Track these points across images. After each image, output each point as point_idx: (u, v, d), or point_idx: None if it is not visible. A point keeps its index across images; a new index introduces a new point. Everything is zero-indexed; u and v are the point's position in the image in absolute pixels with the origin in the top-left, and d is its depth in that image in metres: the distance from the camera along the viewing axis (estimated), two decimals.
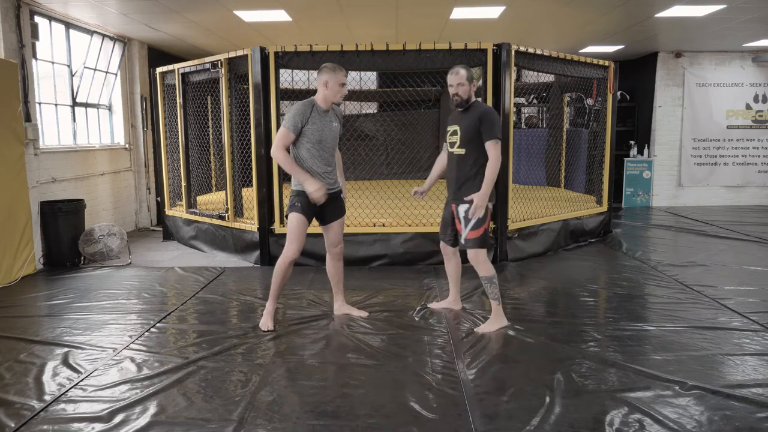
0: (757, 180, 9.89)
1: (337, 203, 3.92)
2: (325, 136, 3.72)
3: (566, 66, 6.34)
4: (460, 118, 3.76)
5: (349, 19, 6.89)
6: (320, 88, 3.71)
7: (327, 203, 3.81)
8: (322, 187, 3.62)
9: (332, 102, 3.74)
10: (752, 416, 2.62)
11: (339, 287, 4.12)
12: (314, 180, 3.63)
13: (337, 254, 4.02)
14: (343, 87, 3.70)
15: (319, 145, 3.71)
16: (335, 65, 3.72)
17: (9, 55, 5.39)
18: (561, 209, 6.54)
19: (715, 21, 7.09)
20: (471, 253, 3.71)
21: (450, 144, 3.81)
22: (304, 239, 3.78)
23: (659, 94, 9.69)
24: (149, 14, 6.47)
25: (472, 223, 3.66)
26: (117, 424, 2.61)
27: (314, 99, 3.73)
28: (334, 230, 3.94)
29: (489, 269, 3.72)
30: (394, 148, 9.44)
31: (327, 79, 3.67)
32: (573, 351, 3.42)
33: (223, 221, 6.10)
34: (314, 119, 3.68)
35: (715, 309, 4.19)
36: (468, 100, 3.71)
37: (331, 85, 3.67)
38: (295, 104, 3.73)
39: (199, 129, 6.79)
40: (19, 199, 5.39)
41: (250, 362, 3.31)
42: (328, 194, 3.78)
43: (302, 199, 3.71)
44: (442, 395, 2.86)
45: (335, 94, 3.70)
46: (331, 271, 4.08)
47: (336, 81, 3.67)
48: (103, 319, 4.12)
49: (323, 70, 3.70)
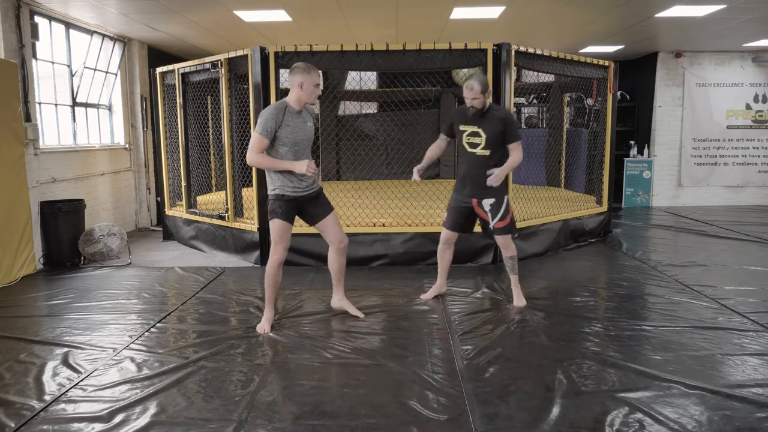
0: (757, 180, 9.89)
1: (320, 201, 3.88)
2: (300, 137, 3.68)
3: (566, 66, 6.34)
4: (479, 120, 4.05)
5: (349, 19, 6.89)
6: (294, 89, 3.65)
7: (308, 203, 3.81)
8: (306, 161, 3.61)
9: (306, 103, 3.72)
10: (752, 416, 2.62)
11: (339, 281, 4.08)
12: (297, 162, 3.61)
13: (341, 250, 3.97)
14: (317, 88, 3.68)
15: (295, 147, 3.67)
16: (309, 65, 3.68)
17: (9, 55, 5.39)
18: (561, 209, 6.54)
19: (715, 21, 7.09)
20: (501, 239, 4.23)
21: (471, 145, 4.10)
22: (289, 240, 3.80)
23: (659, 94, 9.70)
24: (149, 14, 6.47)
25: (501, 214, 4.14)
26: (117, 424, 2.61)
27: (286, 100, 3.69)
28: (330, 227, 3.90)
29: (514, 249, 4.32)
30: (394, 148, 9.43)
31: (302, 80, 3.61)
32: (573, 351, 3.42)
33: (223, 221, 6.10)
34: (288, 121, 3.63)
35: (715, 309, 4.19)
36: (483, 107, 4.03)
37: (306, 86, 3.63)
38: (266, 108, 3.69)
39: (199, 129, 6.80)
40: (19, 199, 5.39)
41: (250, 362, 3.31)
42: (308, 194, 3.78)
43: (282, 203, 3.71)
44: (442, 395, 2.86)
45: (310, 95, 3.66)
46: (332, 264, 4.03)
47: (311, 82, 3.63)
48: (103, 319, 4.12)
49: (296, 70, 3.64)
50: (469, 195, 4.17)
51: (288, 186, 3.70)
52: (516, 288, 4.35)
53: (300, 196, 3.74)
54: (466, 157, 4.14)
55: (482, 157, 4.06)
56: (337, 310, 4.13)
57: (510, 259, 4.30)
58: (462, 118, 4.13)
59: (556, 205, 6.63)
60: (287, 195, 3.71)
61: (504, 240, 4.24)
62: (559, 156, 8.24)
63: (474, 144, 4.07)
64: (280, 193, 3.71)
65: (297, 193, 3.72)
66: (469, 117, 4.07)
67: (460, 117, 4.15)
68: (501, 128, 4.00)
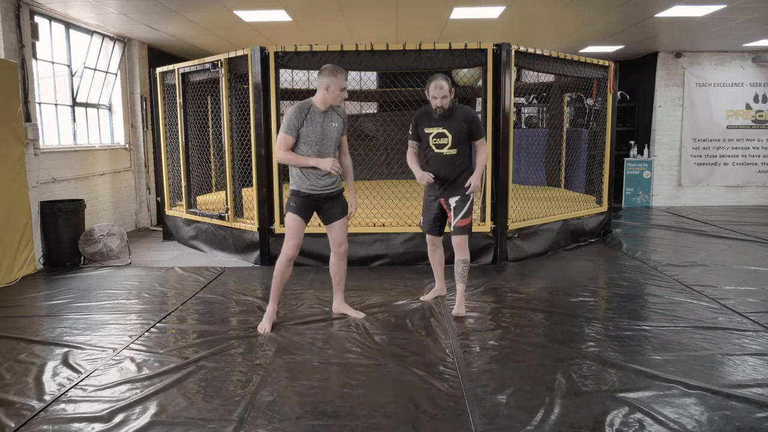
0: (757, 180, 9.89)
1: (338, 203, 3.93)
2: (323, 136, 3.74)
3: (566, 66, 6.34)
4: (443, 121, 4.04)
5: (349, 19, 6.89)
6: (320, 90, 3.72)
7: (326, 202, 3.86)
8: (331, 159, 3.70)
9: (331, 105, 3.76)
10: (752, 416, 2.62)
11: (340, 286, 4.13)
12: (323, 160, 3.69)
13: (341, 254, 4.02)
14: (343, 91, 3.73)
15: (317, 146, 3.73)
16: (337, 68, 3.72)
17: (9, 55, 5.39)
18: (561, 209, 6.54)
19: (715, 21, 7.09)
20: (458, 239, 4.11)
21: (438, 146, 4.09)
22: (302, 237, 3.85)
23: (659, 94, 9.69)
24: (149, 14, 6.47)
25: (463, 213, 4.08)
26: (117, 424, 2.61)
27: (312, 100, 3.75)
28: (336, 230, 3.95)
29: (468, 254, 4.19)
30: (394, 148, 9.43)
31: (329, 83, 3.68)
32: (573, 351, 3.42)
33: (223, 221, 6.10)
34: (311, 120, 3.69)
35: (715, 309, 4.19)
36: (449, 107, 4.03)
37: (333, 89, 3.69)
38: (291, 107, 3.76)
39: (199, 129, 6.79)
40: (19, 199, 5.39)
41: (250, 362, 3.31)
42: (326, 194, 3.82)
43: (298, 199, 3.79)
44: (442, 395, 2.86)
45: (335, 98, 3.73)
46: (333, 270, 4.09)
47: (338, 85, 3.69)
48: (103, 319, 4.12)
49: (324, 72, 3.70)
50: (438, 194, 4.17)
51: (304, 184, 3.78)
52: (461, 297, 4.16)
53: (315, 195, 3.80)
54: (434, 157, 4.13)
55: (449, 156, 4.07)
56: (337, 314, 4.14)
57: (462, 263, 4.14)
58: (427, 120, 4.11)
59: (556, 205, 6.63)
60: (302, 192, 3.79)
61: (460, 240, 4.12)
62: (559, 156, 8.24)
63: (441, 145, 4.07)
64: (295, 189, 3.81)
65: (312, 191, 3.79)
66: (434, 118, 4.05)
67: (425, 119, 4.12)
68: (466, 127, 4.03)
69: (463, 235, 4.12)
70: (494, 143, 5.55)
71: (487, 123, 5.50)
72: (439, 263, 4.47)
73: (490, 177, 5.56)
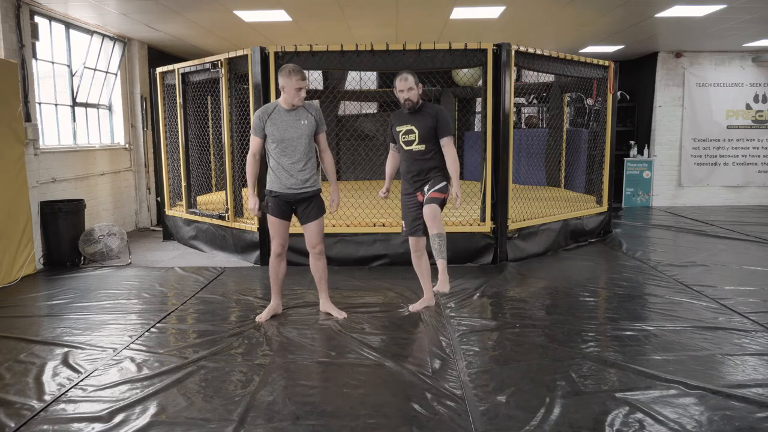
0: (757, 180, 9.89)
1: (313, 204, 3.96)
2: (287, 135, 3.80)
3: (566, 66, 6.34)
4: (412, 118, 4.07)
5: (349, 19, 6.89)
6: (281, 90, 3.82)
7: (301, 203, 3.94)
8: (253, 200, 3.94)
9: (292, 103, 3.80)
10: (752, 416, 2.62)
11: (321, 285, 4.18)
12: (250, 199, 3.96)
13: (317, 254, 4.09)
14: (300, 91, 3.76)
15: (282, 144, 3.81)
16: (293, 69, 3.74)
17: (9, 55, 5.39)
18: (561, 209, 6.54)
19: (715, 21, 7.09)
20: (429, 207, 3.96)
21: (407, 143, 4.10)
22: (285, 235, 4.00)
23: (659, 94, 9.69)
24: (149, 14, 6.47)
25: (438, 186, 4.02)
26: (117, 424, 2.61)
27: (278, 101, 3.87)
28: (309, 232, 4.01)
29: (443, 228, 4.01)
30: None
31: (284, 84, 3.77)
32: (573, 351, 3.42)
33: (223, 221, 6.10)
34: (274, 120, 3.80)
35: (715, 309, 4.19)
36: (418, 102, 4.06)
37: (288, 89, 3.77)
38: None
39: (199, 129, 6.80)
40: (19, 199, 5.39)
41: (250, 362, 3.31)
42: (299, 194, 3.89)
43: (271, 198, 3.94)
44: (442, 395, 2.86)
45: (293, 98, 3.79)
46: (312, 270, 4.17)
47: (291, 86, 3.74)
48: (103, 319, 4.12)
49: (281, 73, 3.78)
50: (414, 190, 4.16)
51: (275, 184, 3.90)
52: (443, 273, 3.94)
53: (287, 194, 3.88)
54: (405, 155, 4.15)
55: (418, 152, 4.07)
56: (323, 313, 4.16)
57: (437, 237, 3.91)
58: (398, 120, 4.14)
59: (556, 205, 6.63)
60: (273, 191, 3.91)
61: (432, 210, 3.92)
62: (559, 156, 8.24)
63: (409, 141, 4.08)
64: (269, 188, 3.94)
65: (282, 190, 3.88)
66: (405, 116, 4.08)
67: (397, 119, 4.16)
68: (433, 124, 4.02)
69: (435, 205, 3.96)
70: (494, 143, 5.55)
71: (487, 123, 5.51)
72: (425, 270, 4.30)
73: (490, 177, 5.57)
